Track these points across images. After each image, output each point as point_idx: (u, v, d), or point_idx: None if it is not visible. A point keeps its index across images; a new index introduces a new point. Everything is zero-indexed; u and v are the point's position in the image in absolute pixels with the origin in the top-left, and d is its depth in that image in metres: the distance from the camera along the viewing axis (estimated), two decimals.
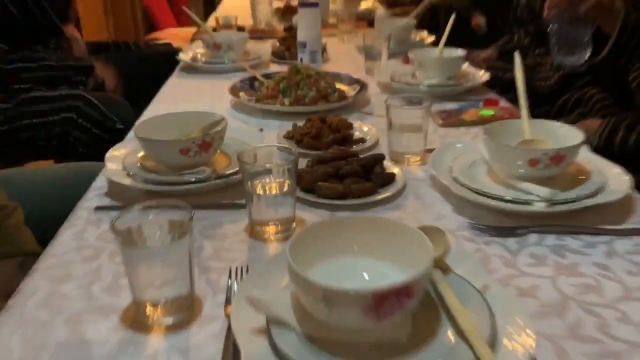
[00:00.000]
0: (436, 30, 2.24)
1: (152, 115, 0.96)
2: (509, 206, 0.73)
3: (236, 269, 0.64)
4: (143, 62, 1.84)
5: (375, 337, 0.50)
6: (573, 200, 0.72)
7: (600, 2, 1.27)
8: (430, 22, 2.33)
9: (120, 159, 0.89)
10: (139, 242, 0.57)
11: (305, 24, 1.43)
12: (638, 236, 0.69)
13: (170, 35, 3.33)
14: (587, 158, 0.83)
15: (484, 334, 0.48)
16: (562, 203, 0.72)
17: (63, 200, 0.91)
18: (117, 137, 1.30)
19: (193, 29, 3.39)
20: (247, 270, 0.64)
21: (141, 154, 0.89)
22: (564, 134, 0.80)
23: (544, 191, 0.72)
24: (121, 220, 0.56)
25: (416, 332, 0.50)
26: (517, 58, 0.92)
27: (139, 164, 0.87)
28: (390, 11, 3.04)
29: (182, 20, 4.81)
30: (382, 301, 0.46)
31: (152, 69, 1.58)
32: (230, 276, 0.63)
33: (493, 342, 0.48)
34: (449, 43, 1.37)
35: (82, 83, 1.62)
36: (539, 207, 0.72)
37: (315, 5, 1.43)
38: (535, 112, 0.99)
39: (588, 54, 1.31)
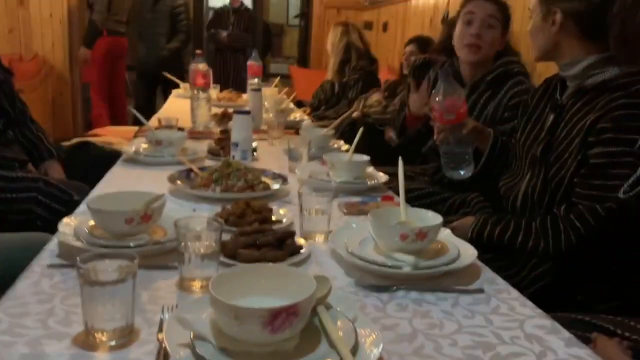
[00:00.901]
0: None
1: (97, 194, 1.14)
2: (385, 270, 0.95)
3: (168, 307, 0.81)
4: (94, 161, 2.00)
5: (272, 348, 0.68)
6: (432, 267, 0.96)
7: (475, 127, 1.62)
8: (349, 134, 2.68)
9: (72, 226, 1.05)
10: (95, 280, 0.74)
11: (238, 127, 1.68)
12: (477, 294, 0.92)
13: (110, 132, 3.52)
14: (448, 239, 1.08)
15: (349, 345, 0.68)
16: (424, 268, 0.95)
17: (16, 263, 1.06)
18: (74, 208, 1.46)
19: (131, 128, 3.62)
20: (177, 307, 0.81)
21: (91, 223, 1.06)
22: (430, 218, 1.05)
23: (410, 259, 0.95)
24: (81, 262, 0.73)
25: (302, 345, 0.69)
26: (400, 163, 1.19)
27: (87, 231, 1.03)
28: (317, 123, 3.42)
29: (117, 120, 5.06)
30: (276, 317, 0.65)
31: (100, 167, 1.73)
32: (162, 312, 0.79)
33: (355, 351, 0.67)
34: (361, 151, 1.65)
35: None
36: (406, 271, 0.94)
37: (247, 112, 1.70)
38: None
39: (471, 168, 1.63)
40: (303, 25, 5.75)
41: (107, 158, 1.78)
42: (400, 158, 1.20)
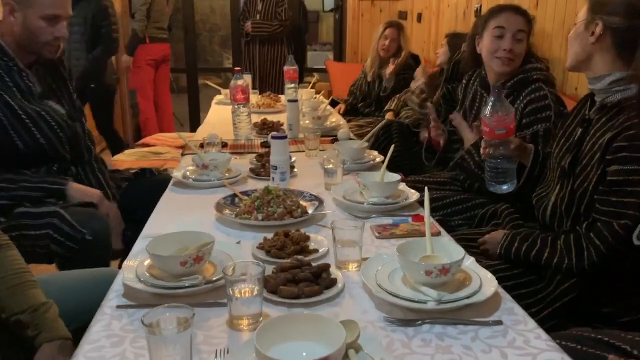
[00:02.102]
0: (390, 141, 2.66)
1: (153, 225, 1.38)
2: (411, 304, 1.05)
3: (221, 350, 0.93)
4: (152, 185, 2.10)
5: None
6: (454, 301, 1.05)
7: (520, 144, 1.67)
8: (383, 136, 2.75)
9: (133, 269, 1.19)
10: (158, 332, 0.87)
11: (276, 151, 1.80)
12: (496, 325, 1.01)
13: (158, 140, 3.72)
14: (471, 268, 1.17)
15: None
16: (447, 302, 1.05)
17: (84, 298, 1.22)
18: (86, 247, 1.63)
19: (177, 135, 3.78)
20: (228, 351, 0.94)
21: (148, 262, 1.20)
22: (453, 250, 1.14)
23: (434, 294, 1.05)
24: (146, 317, 0.86)
25: None
26: (426, 192, 1.28)
27: (147, 273, 1.18)
28: (353, 122, 3.49)
29: (163, 121, 5.28)
30: None
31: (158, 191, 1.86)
32: (216, 355, 0.92)
33: None
34: (396, 154, 1.74)
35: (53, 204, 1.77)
36: (431, 305, 1.04)
37: (284, 137, 1.81)
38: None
39: (514, 183, 1.68)
40: (338, 18, 5.76)
41: (164, 182, 1.92)
42: (426, 188, 1.29)
